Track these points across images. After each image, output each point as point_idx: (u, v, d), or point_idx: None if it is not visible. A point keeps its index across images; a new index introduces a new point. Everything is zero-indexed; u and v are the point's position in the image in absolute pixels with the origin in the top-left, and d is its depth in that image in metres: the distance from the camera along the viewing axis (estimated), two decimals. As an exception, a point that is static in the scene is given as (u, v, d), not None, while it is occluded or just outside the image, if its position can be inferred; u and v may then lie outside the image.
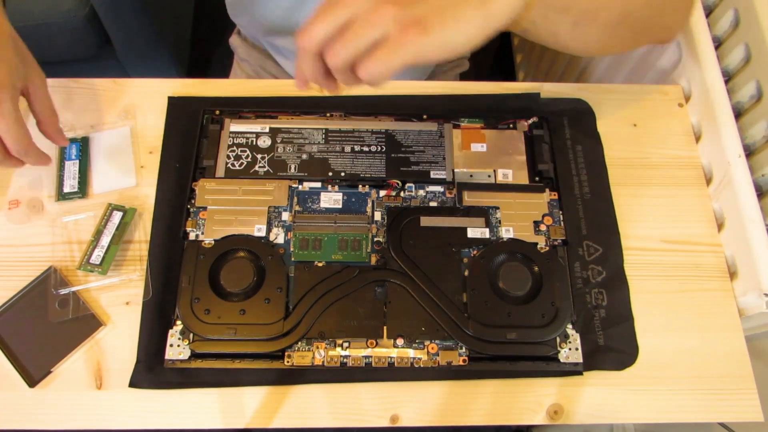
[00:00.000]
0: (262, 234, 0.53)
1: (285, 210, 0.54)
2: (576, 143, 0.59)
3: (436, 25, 0.35)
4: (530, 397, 0.50)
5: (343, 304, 0.50)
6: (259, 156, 0.56)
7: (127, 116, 0.59)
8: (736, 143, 0.55)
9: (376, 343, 0.49)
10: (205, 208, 0.53)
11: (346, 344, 0.49)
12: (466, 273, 0.52)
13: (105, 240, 0.52)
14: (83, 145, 0.57)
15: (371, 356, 0.49)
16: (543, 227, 0.54)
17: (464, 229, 0.53)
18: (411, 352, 0.49)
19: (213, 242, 0.52)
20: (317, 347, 0.49)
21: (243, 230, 0.53)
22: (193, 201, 0.54)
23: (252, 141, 0.57)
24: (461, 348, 0.49)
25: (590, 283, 0.53)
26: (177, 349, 0.48)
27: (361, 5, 0.35)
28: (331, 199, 0.55)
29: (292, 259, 0.52)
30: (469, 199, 0.55)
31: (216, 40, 1.39)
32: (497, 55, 1.45)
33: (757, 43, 0.56)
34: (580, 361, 0.49)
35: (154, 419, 0.48)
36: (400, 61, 0.36)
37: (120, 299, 0.51)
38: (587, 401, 0.50)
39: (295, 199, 0.54)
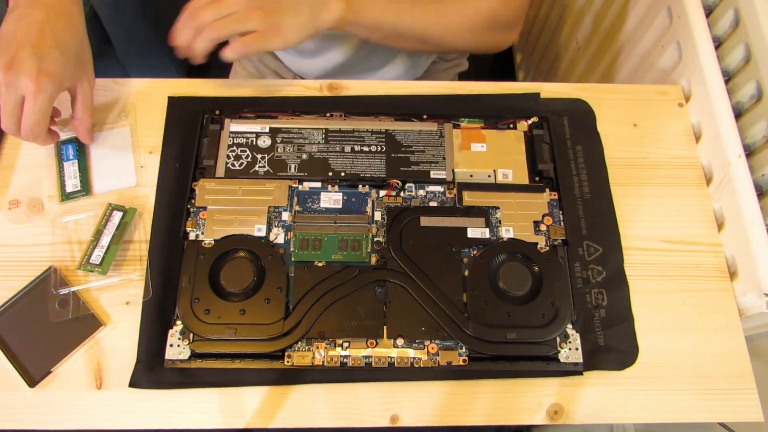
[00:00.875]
0: (262, 234, 0.53)
1: (285, 210, 0.54)
2: (576, 143, 0.59)
3: (286, 29, 0.53)
4: (530, 397, 0.50)
5: (343, 304, 0.50)
6: (259, 156, 0.56)
7: (127, 116, 0.59)
8: (736, 143, 0.55)
9: (376, 343, 0.49)
10: (205, 208, 0.53)
11: (346, 344, 0.49)
12: (466, 273, 0.52)
13: (105, 240, 0.52)
14: (79, 144, 0.57)
15: (371, 356, 0.49)
16: (543, 227, 0.54)
17: (464, 229, 0.53)
18: (411, 352, 0.49)
19: (213, 242, 0.52)
20: (317, 347, 0.49)
21: (243, 230, 0.53)
22: (193, 201, 0.54)
23: (252, 141, 0.57)
24: (461, 348, 0.49)
25: (590, 283, 0.53)
26: (177, 349, 0.48)
27: (239, 5, 0.51)
28: (331, 199, 0.55)
29: (292, 259, 0.52)
30: (469, 199, 0.55)
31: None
32: (497, 55, 1.44)
33: (757, 43, 0.56)
34: (580, 361, 0.49)
35: (154, 419, 0.48)
36: (258, 48, 0.53)
37: (120, 299, 0.51)
38: (587, 401, 0.50)
39: (295, 199, 0.54)
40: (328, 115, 0.59)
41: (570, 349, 0.50)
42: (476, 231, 0.53)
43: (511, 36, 0.68)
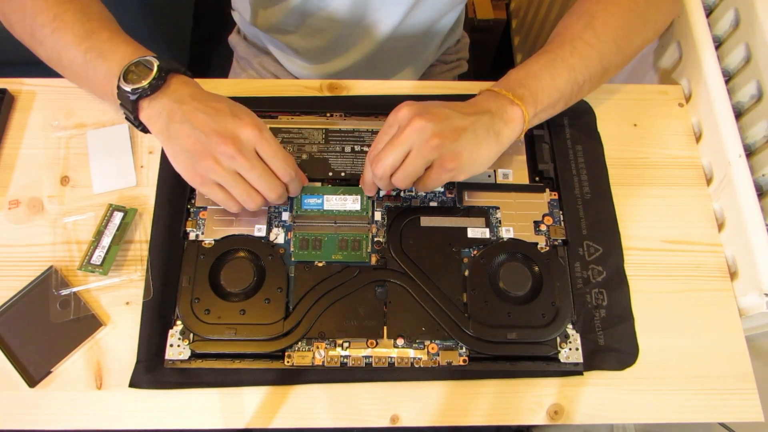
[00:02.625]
0: (262, 234, 0.53)
1: (285, 210, 0.54)
2: (576, 143, 0.59)
3: (465, 157, 0.47)
4: (530, 397, 0.50)
5: (343, 304, 0.50)
6: (259, 156, 0.56)
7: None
8: (737, 143, 0.55)
9: (376, 343, 0.49)
10: (205, 208, 0.54)
11: (346, 344, 0.49)
12: (466, 273, 0.52)
13: (106, 240, 0.52)
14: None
15: (371, 356, 0.49)
16: (543, 227, 0.54)
17: (464, 229, 0.53)
18: (411, 352, 0.49)
19: (213, 242, 0.52)
20: (317, 347, 0.49)
21: (243, 230, 0.53)
22: (193, 201, 0.54)
23: (252, 141, 0.57)
24: (461, 348, 0.49)
25: (590, 283, 0.53)
26: (177, 349, 0.48)
27: (416, 139, 0.46)
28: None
29: (292, 259, 0.52)
30: (469, 199, 0.55)
31: (216, 40, 1.39)
32: (497, 55, 1.45)
33: (757, 43, 0.56)
34: (581, 361, 0.49)
35: (154, 419, 0.48)
36: (441, 183, 0.49)
37: (120, 299, 0.51)
38: (587, 401, 0.50)
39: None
40: (328, 115, 0.59)
41: (570, 349, 0.50)
42: (476, 231, 0.53)
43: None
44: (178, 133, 0.46)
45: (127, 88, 0.47)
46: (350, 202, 0.53)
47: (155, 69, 0.48)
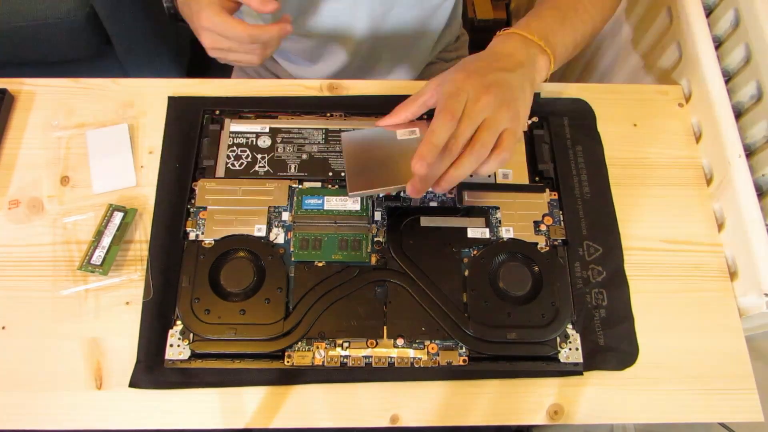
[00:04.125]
0: (262, 234, 0.53)
1: (285, 210, 0.54)
2: (576, 143, 0.59)
3: (522, 113, 0.48)
4: (530, 397, 0.50)
5: (343, 304, 0.50)
6: (259, 156, 0.56)
7: (126, 116, 0.59)
8: (737, 143, 0.55)
9: (376, 343, 0.49)
10: (205, 208, 0.53)
11: (346, 344, 0.49)
12: (466, 273, 0.52)
13: (106, 240, 0.52)
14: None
15: (371, 356, 0.49)
16: (543, 227, 0.54)
17: (464, 229, 0.53)
18: (411, 352, 0.49)
19: (213, 242, 0.52)
20: (317, 347, 0.49)
21: (243, 230, 0.53)
22: (193, 201, 0.54)
23: (252, 141, 0.57)
24: (461, 348, 0.49)
25: (590, 283, 0.53)
26: (177, 349, 0.48)
27: (488, 108, 0.45)
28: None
29: (292, 259, 0.52)
30: (469, 199, 0.55)
31: (216, 40, 1.39)
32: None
33: (757, 43, 0.56)
34: (581, 361, 0.49)
35: (154, 419, 0.48)
36: (515, 145, 0.46)
37: (120, 299, 0.51)
38: (587, 401, 0.50)
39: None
40: (328, 115, 0.59)
41: (570, 349, 0.50)
42: (476, 231, 0.53)
43: None
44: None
45: None
46: (350, 202, 0.53)
47: None
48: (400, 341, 0.49)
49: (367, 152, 0.51)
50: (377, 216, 0.54)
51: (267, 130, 0.58)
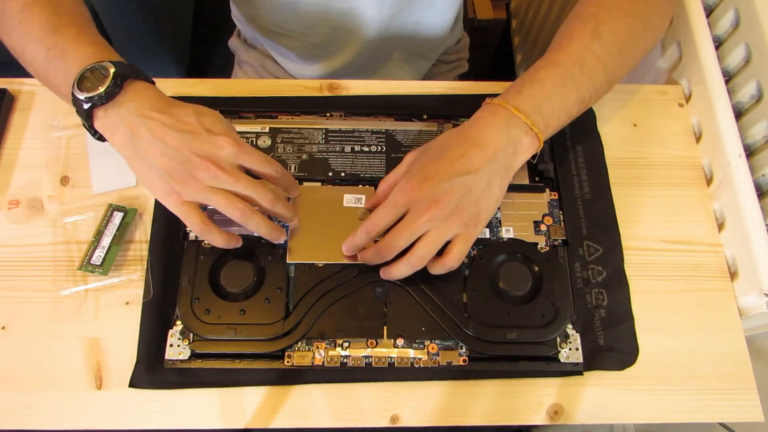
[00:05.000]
0: (262, 234, 0.53)
1: (285, 210, 0.54)
2: (576, 143, 0.59)
3: (485, 213, 0.47)
4: (530, 397, 0.50)
5: (343, 304, 0.50)
6: (259, 156, 0.56)
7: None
8: (737, 143, 0.55)
9: (376, 343, 0.49)
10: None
11: (346, 344, 0.49)
12: (466, 273, 0.52)
13: (106, 241, 0.52)
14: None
15: (371, 356, 0.49)
16: (543, 227, 0.54)
17: (464, 229, 0.53)
18: (411, 352, 0.49)
19: (213, 242, 0.52)
20: (317, 347, 0.49)
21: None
22: (193, 201, 0.54)
23: (252, 141, 0.57)
24: (461, 348, 0.49)
25: (590, 283, 0.53)
26: (177, 349, 0.48)
27: (432, 224, 0.45)
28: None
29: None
30: (469, 199, 0.55)
31: (216, 41, 1.39)
32: (497, 55, 1.45)
33: (757, 43, 0.56)
34: (581, 361, 0.49)
35: (154, 419, 0.48)
36: (467, 250, 0.47)
37: (120, 299, 0.51)
38: (587, 401, 0.50)
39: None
40: (328, 115, 0.59)
41: (570, 349, 0.50)
42: (476, 231, 0.53)
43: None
44: (148, 152, 0.44)
45: (81, 96, 0.43)
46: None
47: (111, 76, 0.44)
48: (400, 341, 0.49)
49: (312, 214, 0.53)
50: (377, 216, 0.54)
51: (267, 130, 0.58)
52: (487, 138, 0.47)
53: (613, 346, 0.51)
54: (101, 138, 0.47)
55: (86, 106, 0.44)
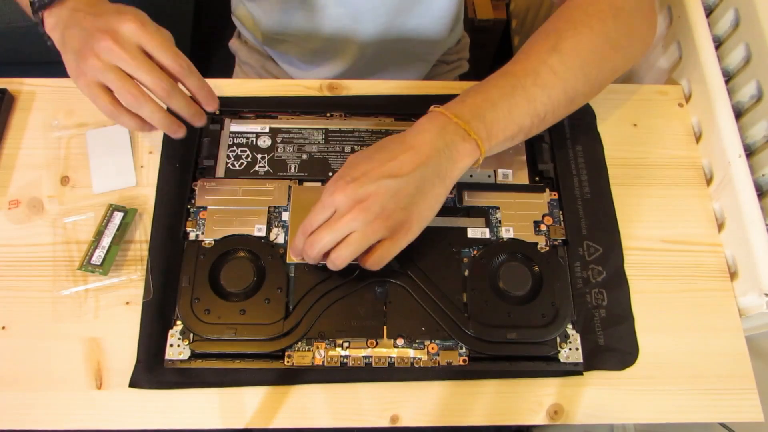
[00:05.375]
0: (262, 234, 0.53)
1: (285, 210, 0.54)
2: (576, 143, 0.59)
3: (415, 220, 0.45)
4: (530, 397, 0.50)
5: (343, 304, 0.50)
6: (259, 156, 0.56)
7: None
8: (737, 143, 0.55)
9: (376, 343, 0.49)
10: (205, 208, 0.53)
11: (346, 344, 0.49)
12: (466, 273, 0.52)
13: (106, 240, 0.52)
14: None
15: (371, 356, 0.49)
16: (543, 227, 0.54)
17: (464, 229, 0.53)
18: (411, 352, 0.49)
19: (213, 242, 0.52)
20: (317, 347, 0.49)
21: (243, 230, 0.53)
22: (193, 201, 0.54)
23: (252, 141, 0.57)
24: (461, 348, 0.49)
25: (590, 283, 0.53)
26: (177, 349, 0.48)
27: (356, 224, 0.43)
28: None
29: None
30: (469, 199, 0.55)
31: (216, 42, 1.39)
32: (497, 55, 1.45)
33: (757, 43, 0.56)
34: (581, 361, 0.49)
35: (154, 419, 0.48)
36: (392, 255, 0.46)
37: (120, 299, 0.51)
38: (587, 401, 0.50)
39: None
40: (328, 115, 0.59)
41: (570, 349, 0.50)
42: (476, 231, 0.53)
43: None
44: (69, 38, 0.46)
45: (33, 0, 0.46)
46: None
47: None
48: (400, 341, 0.49)
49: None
50: (377, 216, 0.54)
51: (267, 130, 0.58)
52: (420, 143, 0.45)
53: (613, 346, 0.51)
54: (53, 45, 0.48)
55: (36, 7, 0.47)
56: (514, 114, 0.47)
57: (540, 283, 0.51)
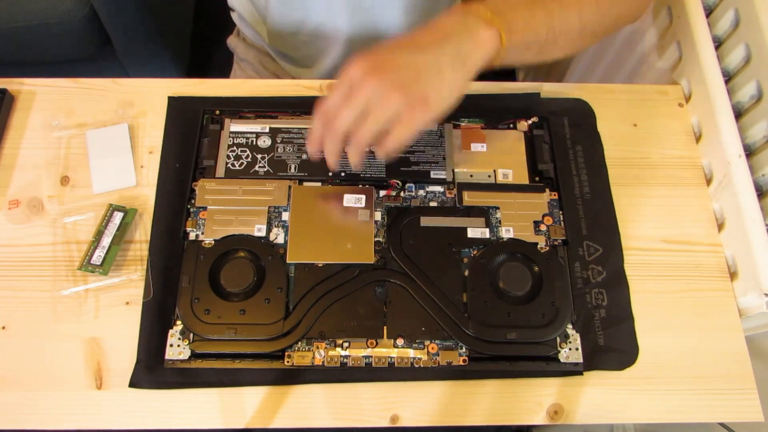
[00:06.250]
0: (262, 234, 0.53)
1: (285, 210, 0.54)
2: (576, 143, 0.59)
3: (433, 97, 0.43)
4: (530, 397, 0.50)
5: (343, 304, 0.50)
6: (259, 156, 0.56)
7: (127, 116, 0.59)
8: (737, 143, 0.55)
9: (376, 343, 0.49)
10: (205, 208, 0.53)
11: (346, 344, 0.49)
12: (466, 273, 0.52)
13: (106, 240, 0.52)
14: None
15: (371, 356, 0.49)
16: (543, 227, 0.54)
17: (464, 229, 0.53)
18: (411, 352, 0.49)
19: (213, 242, 0.52)
20: (317, 347, 0.49)
21: (243, 230, 0.53)
22: (193, 201, 0.54)
23: (252, 141, 0.57)
24: (461, 348, 0.49)
25: (590, 283, 0.53)
26: (177, 349, 0.48)
27: (373, 92, 0.42)
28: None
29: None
30: (469, 199, 0.55)
31: (216, 40, 1.38)
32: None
33: (757, 43, 0.56)
34: (581, 361, 0.49)
35: (154, 419, 0.48)
36: (412, 133, 0.43)
37: (120, 299, 0.51)
38: (587, 401, 0.50)
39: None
40: (328, 115, 0.59)
41: (570, 349, 0.50)
42: (476, 231, 0.53)
43: None
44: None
45: None
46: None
47: None
48: (400, 341, 0.49)
49: (312, 214, 0.53)
50: (377, 216, 0.54)
51: (267, 130, 0.58)
52: (440, 23, 0.45)
53: (613, 346, 0.51)
54: None
55: None
56: (533, 22, 0.47)
57: (540, 283, 0.51)
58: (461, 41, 0.44)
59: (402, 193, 0.55)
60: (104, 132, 0.58)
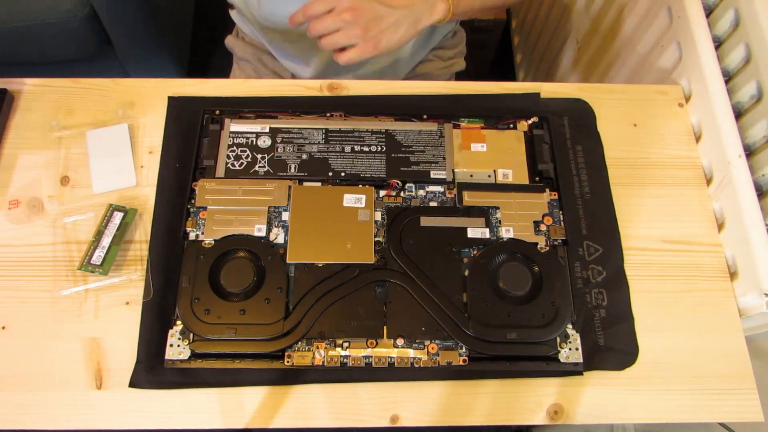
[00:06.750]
0: (262, 234, 0.53)
1: (285, 210, 0.54)
2: (576, 143, 0.59)
3: (384, 43, 0.58)
4: (530, 397, 0.50)
5: (343, 304, 0.50)
6: (259, 156, 0.56)
7: (127, 116, 0.59)
8: (737, 143, 0.55)
9: (376, 343, 0.49)
10: (205, 208, 0.53)
11: (346, 344, 0.49)
12: (466, 273, 0.52)
13: (106, 240, 0.52)
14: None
15: (371, 356, 0.49)
16: (543, 227, 0.54)
17: (464, 229, 0.53)
18: (411, 352, 0.49)
19: (213, 242, 0.52)
20: (317, 347, 0.49)
21: (243, 230, 0.53)
22: (193, 201, 0.54)
23: (252, 141, 0.57)
24: (461, 348, 0.49)
25: (590, 283, 0.53)
26: (177, 349, 0.48)
27: (345, 23, 0.56)
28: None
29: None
30: (469, 199, 0.55)
31: (216, 40, 1.38)
32: (497, 55, 1.44)
33: (757, 43, 0.56)
34: (581, 361, 0.49)
35: (154, 419, 0.48)
36: (360, 59, 0.57)
37: (120, 299, 0.51)
38: (587, 401, 0.50)
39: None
40: (328, 115, 0.59)
41: (570, 349, 0.50)
42: (476, 231, 0.53)
43: None
44: None
45: None
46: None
47: None
48: (400, 341, 0.49)
49: (312, 214, 0.53)
50: (377, 216, 0.54)
51: (267, 130, 0.58)
52: None
53: (612, 346, 0.51)
54: None
55: None
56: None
57: (540, 283, 0.51)
58: (422, 10, 0.59)
59: (402, 193, 0.55)
60: (104, 132, 0.58)
